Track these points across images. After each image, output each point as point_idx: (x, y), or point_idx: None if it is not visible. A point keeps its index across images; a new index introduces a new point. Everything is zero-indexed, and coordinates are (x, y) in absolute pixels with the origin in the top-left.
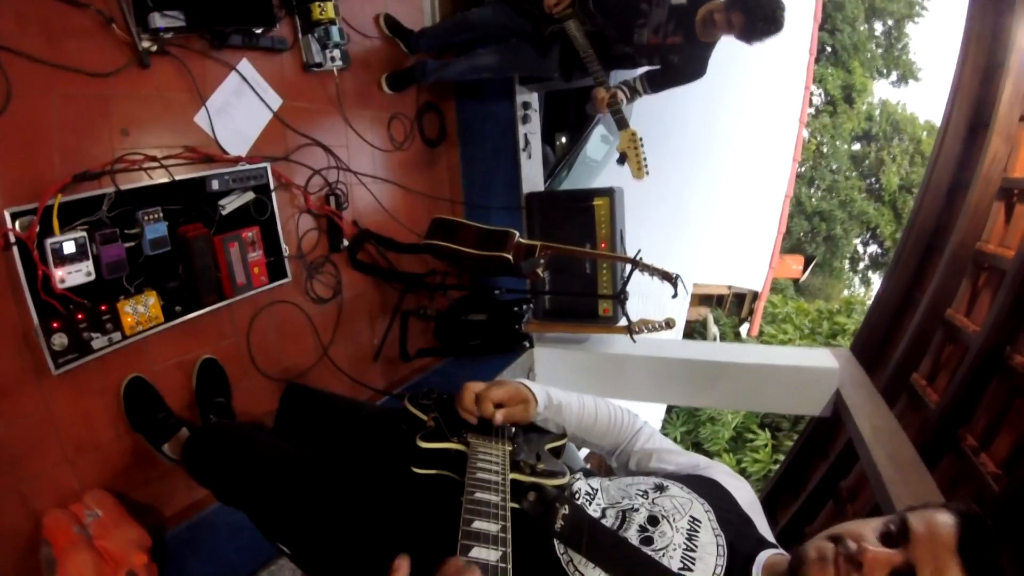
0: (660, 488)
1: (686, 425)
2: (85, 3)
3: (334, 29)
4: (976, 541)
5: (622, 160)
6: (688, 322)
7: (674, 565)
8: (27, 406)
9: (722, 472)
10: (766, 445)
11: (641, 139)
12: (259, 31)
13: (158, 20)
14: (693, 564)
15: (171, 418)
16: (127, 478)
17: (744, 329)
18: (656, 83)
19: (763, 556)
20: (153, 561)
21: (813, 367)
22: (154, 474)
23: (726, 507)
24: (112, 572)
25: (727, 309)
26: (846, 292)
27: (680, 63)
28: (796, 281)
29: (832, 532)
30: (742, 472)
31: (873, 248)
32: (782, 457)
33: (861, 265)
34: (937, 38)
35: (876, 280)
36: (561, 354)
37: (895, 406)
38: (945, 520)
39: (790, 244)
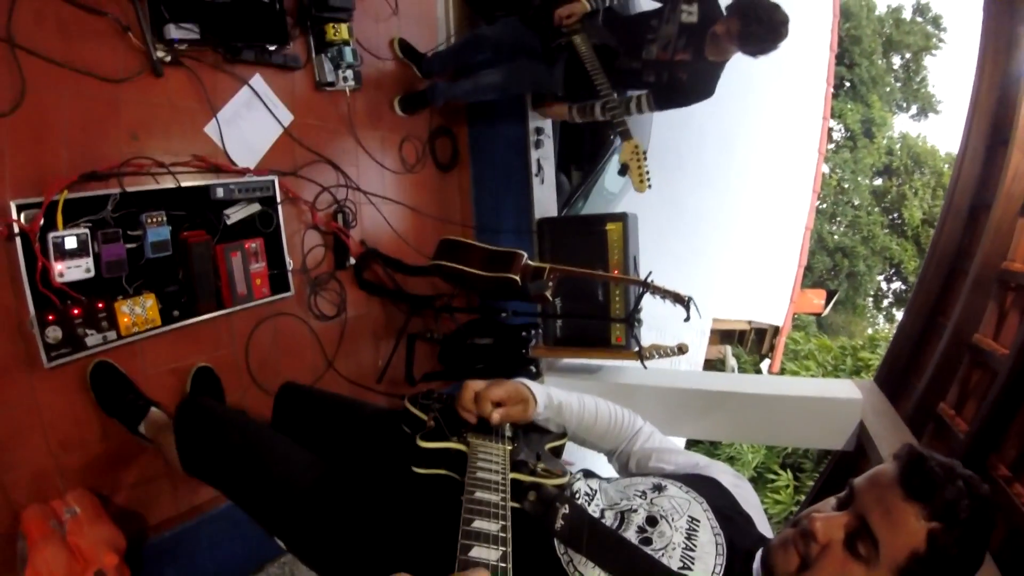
0: (658, 488)
1: None
2: (103, 10)
3: (347, 50)
4: (914, 471)
5: (623, 171)
6: (707, 360)
7: (674, 564)
8: (15, 396)
9: (721, 471)
10: (787, 486)
11: (644, 151)
12: (272, 48)
13: (173, 32)
14: (693, 563)
15: (140, 399)
16: (112, 479)
17: (765, 365)
18: (663, 101)
19: (762, 553)
20: (126, 564)
21: (835, 398)
22: (139, 479)
23: (726, 506)
24: (81, 570)
25: (748, 345)
26: (870, 330)
27: (688, 81)
28: (818, 316)
29: (794, 518)
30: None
31: (897, 284)
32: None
33: (885, 302)
34: (956, 70)
35: (900, 317)
36: (571, 383)
37: (922, 437)
38: (884, 467)
39: (812, 281)
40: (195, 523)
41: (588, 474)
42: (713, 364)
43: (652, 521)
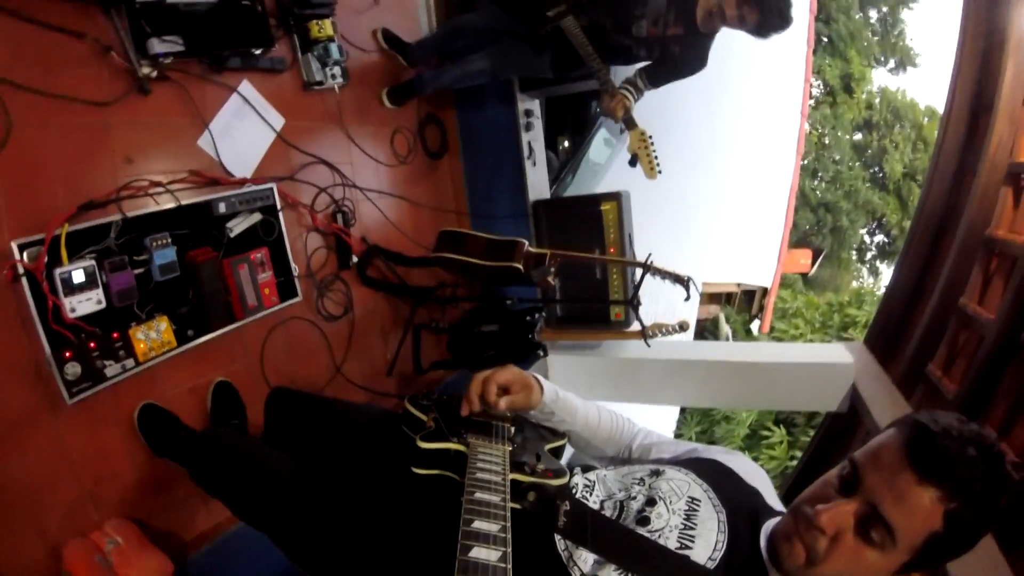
0: (656, 473)
1: (700, 424)
2: (82, 32)
3: (333, 46)
4: (921, 447)
5: (634, 162)
6: (699, 320)
7: (671, 545)
8: (43, 439)
9: (719, 451)
10: (782, 442)
11: (651, 138)
12: (258, 52)
13: (157, 46)
14: (692, 542)
15: (191, 436)
16: (146, 505)
17: (755, 326)
18: (657, 77)
19: (769, 524)
20: None
21: (828, 363)
22: (172, 500)
23: (728, 483)
24: None
25: (737, 306)
26: (855, 283)
27: (681, 55)
28: (805, 275)
29: (794, 504)
30: None
31: (880, 237)
32: (798, 453)
33: (869, 255)
34: (933, 22)
35: (885, 270)
36: (576, 360)
37: (912, 397)
38: (887, 442)
39: (796, 237)
40: (232, 533)
41: (586, 468)
42: (704, 325)
43: (651, 502)
